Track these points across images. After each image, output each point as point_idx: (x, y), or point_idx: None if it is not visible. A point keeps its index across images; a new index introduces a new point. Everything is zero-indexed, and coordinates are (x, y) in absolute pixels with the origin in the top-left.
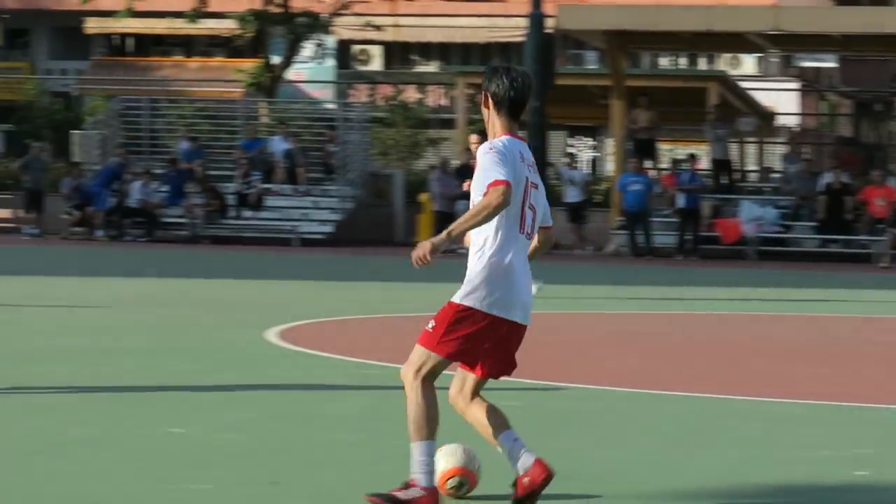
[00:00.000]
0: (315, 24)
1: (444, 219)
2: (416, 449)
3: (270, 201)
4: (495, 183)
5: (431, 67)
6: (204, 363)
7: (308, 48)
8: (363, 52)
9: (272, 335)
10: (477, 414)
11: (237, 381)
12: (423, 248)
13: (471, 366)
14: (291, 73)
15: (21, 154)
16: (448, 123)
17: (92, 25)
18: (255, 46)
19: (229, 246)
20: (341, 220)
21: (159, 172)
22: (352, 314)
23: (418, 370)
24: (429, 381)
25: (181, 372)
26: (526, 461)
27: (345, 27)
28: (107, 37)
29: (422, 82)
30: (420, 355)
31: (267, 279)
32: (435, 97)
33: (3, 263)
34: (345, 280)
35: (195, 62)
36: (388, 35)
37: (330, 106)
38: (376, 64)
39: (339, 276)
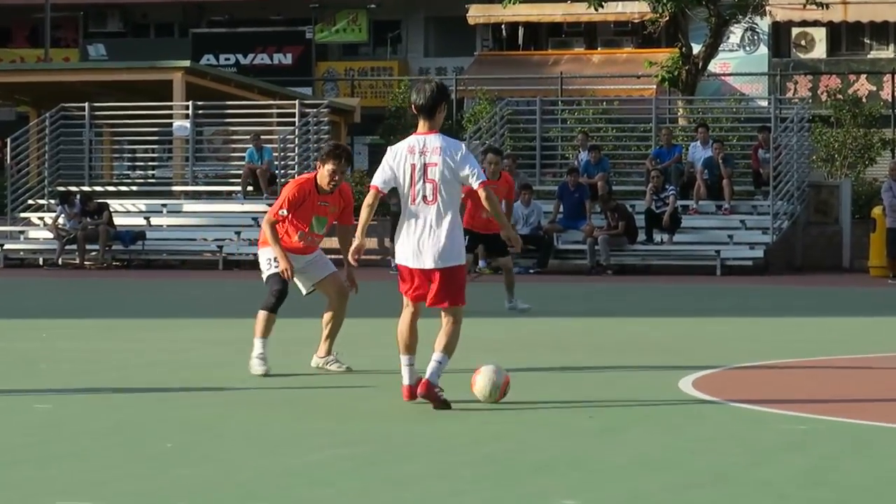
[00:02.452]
0: (745, 3)
1: None
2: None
3: (688, 221)
4: None
5: (888, 52)
6: (608, 418)
7: (736, 33)
8: (804, 35)
9: (687, 384)
10: None
11: (644, 440)
12: None
13: None
14: (715, 65)
15: None
16: None
17: (475, 14)
18: (670, 33)
19: (637, 277)
20: (774, 242)
21: (552, 189)
22: (786, 356)
23: None
24: None
25: (582, 430)
26: None
27: (781, 6)
28: (493, 27)
29: (876, 71)
30: None
31: (683, 316)
32: (892, 89)
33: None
34: (776, 315)
35: (598, 55)
36: (835, 14)
37: (762, 103)
38: (819, 50)
39: (769, 311)
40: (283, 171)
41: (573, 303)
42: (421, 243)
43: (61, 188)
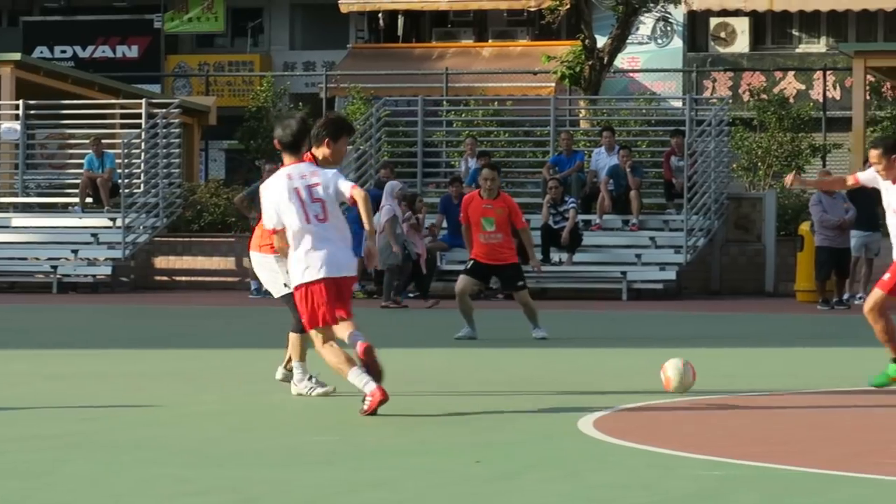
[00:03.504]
0: None
1: (831, 257)
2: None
3: (591, 239)
4: None
5: (819, 46)
6: (498, 463)
7: (646, 24)
8: (724, 27)
9: (588, 424)
10: None
11: (539, 488)
12: None
13: None
14: (623, 60)
15: (248, 181)
16: (840, 124)
17: (348, 2)
18: (571, 24)
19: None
20: (688, 262)
21: (435, 201)
22: (700, 393)
23: None
24: None
25: (468, 476)
26: None
27: None
28: (368, 16)
29: (805, 67)
30: None
31: (579, 346)
32: (823, 88)
33: (226, 333)
34: (690, 346)
35: (489, 48)
36: (759, 2)
37: (675, 104)
38: (741, 44)
39: (682, 341)
40: (126, 181)
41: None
42: (322, 256)
43: None
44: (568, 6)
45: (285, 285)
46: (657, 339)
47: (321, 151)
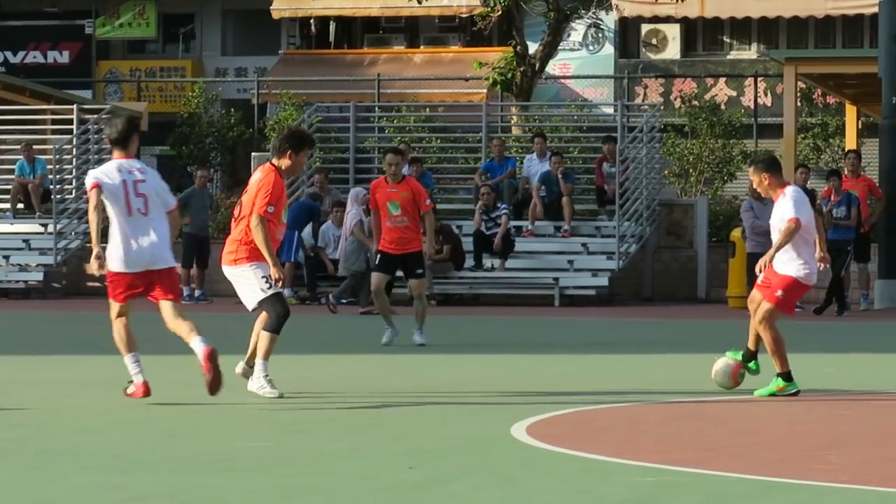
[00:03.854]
0: None
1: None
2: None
3: (523, 245)
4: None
5: (750, 52)
6: (431, 469)
7: (578, 30)
8: (655, 33)
9: (521, 430)
10: None
11: (473, 494)
12: None
13: None
14: (554, 67)
15: (180, 187)
16: (772, 130)
17: (280, 7)
18: (503, 30)
19: (465, 308)
20: (620, 268)
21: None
22: (632, 399)
23: None
24: None
25: (401, 483)
26: None
27: (629, 0)
28: (300, 22)
29: (737, 74)
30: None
31: (511, 353)
32: (754, 94)
33: (158, 339)
34: (622, 352)
35: (421, 54)
36: (690, 9)
37: (607, 110)
38: (672, 50)
39: (615, 347)
40: (58, 187)
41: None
42: (142, 249)
43: None
44: (499, 13)
45: (265, 287)
46: (589, 346)
47: (283, 162)
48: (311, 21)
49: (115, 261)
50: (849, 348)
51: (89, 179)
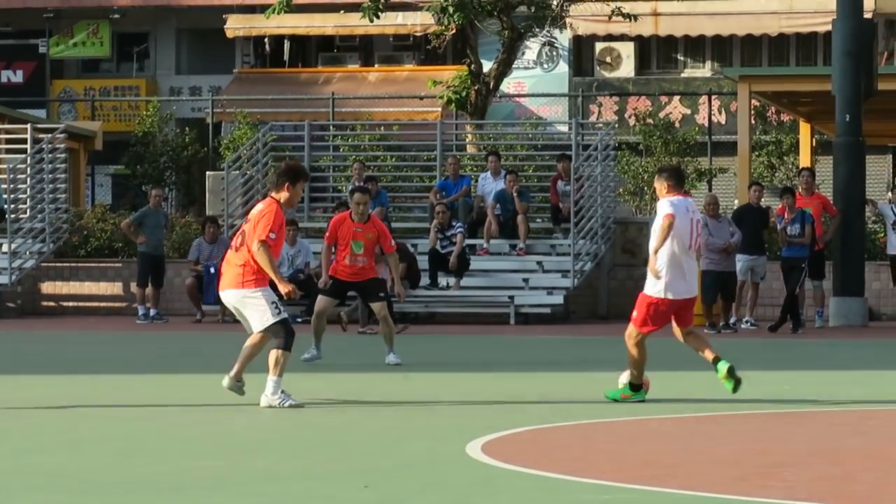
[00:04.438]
0: (542, 14)
1: (717, 280)
2: None
3: (478, 263)
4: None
5: (704, 70)
6: (386, 488)
7: (532, 49)
8: (609, 51)
9: (476, 448)
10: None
11: None
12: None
13: None
14: (509, 85)
15: (135, 206)
16: (726, 148)
17: (234, 26)
18: (457, 48)
19: (420, 327)
20: (575, 286)
21: (322, 226)
22: (587, 416)
23: None
24: None
25: (355, 503)
26: None
27: (583, 18)
28: (254, 41)
29: (691, 92)
30: None
31: (467, 371)
32: (708, 112)
33: (113, 359)
34: (577, 370)
35: (376, 72)
36: (644, 27)
37: (562, 128)
38: (627, 68)
39: (570, 365)
40: (12, 206)
41: (346, 356)
42: None
43: None
44: (453, 31)
45: (274, 312)
46: (544, 364)
47: (282, 195)
48: (266, 40)
49: None
50: (803, 365)
51: None
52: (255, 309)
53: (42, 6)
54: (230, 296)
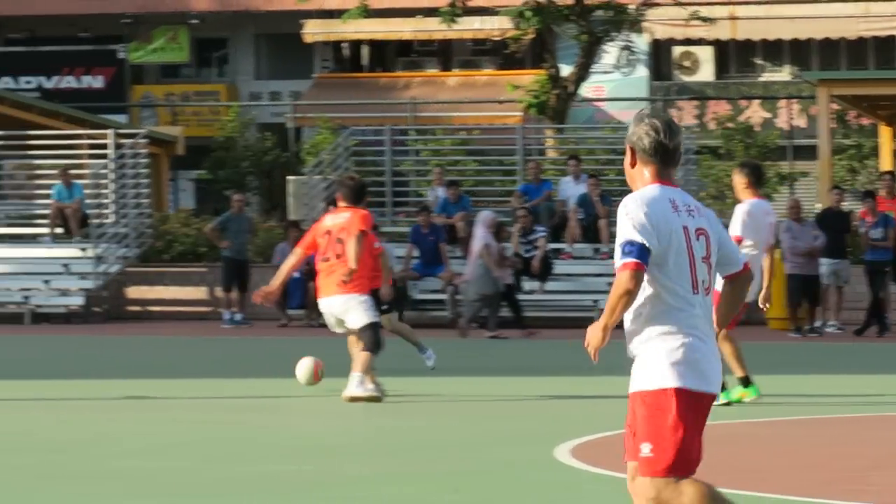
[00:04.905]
0: (620, 19)
1: (801, 284)
2: None
3: (562, 267)
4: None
5: (783, 74)
6: (475, 492)
7: (610, 53)
8: (687, 56)
9: (565, 452)
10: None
11: None
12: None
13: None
14: (588, 89)
15: (218, 211)
16: (806, 152)
17: (312, 31)
18: (536, 53)
19: (506, 330)
20: None
21: (405, 230)
22: None
23: None
24: None
25: None
26: None
27: (661, 22)
28: (333, 46)
29: (770, 96)
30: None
31: (555, 374)
32: (788, 116)
33: (199, 363)
34: None
35: (454, 77)
36: (722, 31)
37: None
38: (706, 72)
39: None
40: (96, 211)
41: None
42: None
43: None
44: (532, 35)
45: (375, 314)
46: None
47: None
48: (343, 45)
49: None
50: (889, 369)
51: None
52: (359, 313)
53: (120, 12)
54: (336, 301)
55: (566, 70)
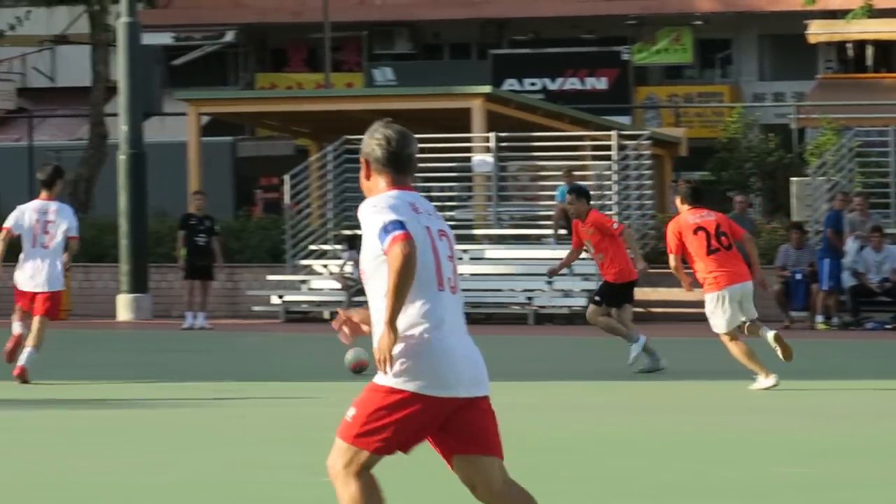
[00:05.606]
0: None
1: None
2: None
3: None
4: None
5: None
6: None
7: None
8: None
9: None
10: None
11: None
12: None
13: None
14: None
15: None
16: None
17: (816, 32)
18: None
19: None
20: None
21: None
22: None
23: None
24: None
25: None
26: None
27: None
28: (837, 46)
29: None
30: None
31: None
32: None
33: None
34: None
35: None
36: None
37: None
38: None
39: None
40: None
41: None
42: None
43: (347, 231)
44: None
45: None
46: None
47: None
48: (848, 45)
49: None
50: None
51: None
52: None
53: (624, 13)
54: (747, 287)
55: None
